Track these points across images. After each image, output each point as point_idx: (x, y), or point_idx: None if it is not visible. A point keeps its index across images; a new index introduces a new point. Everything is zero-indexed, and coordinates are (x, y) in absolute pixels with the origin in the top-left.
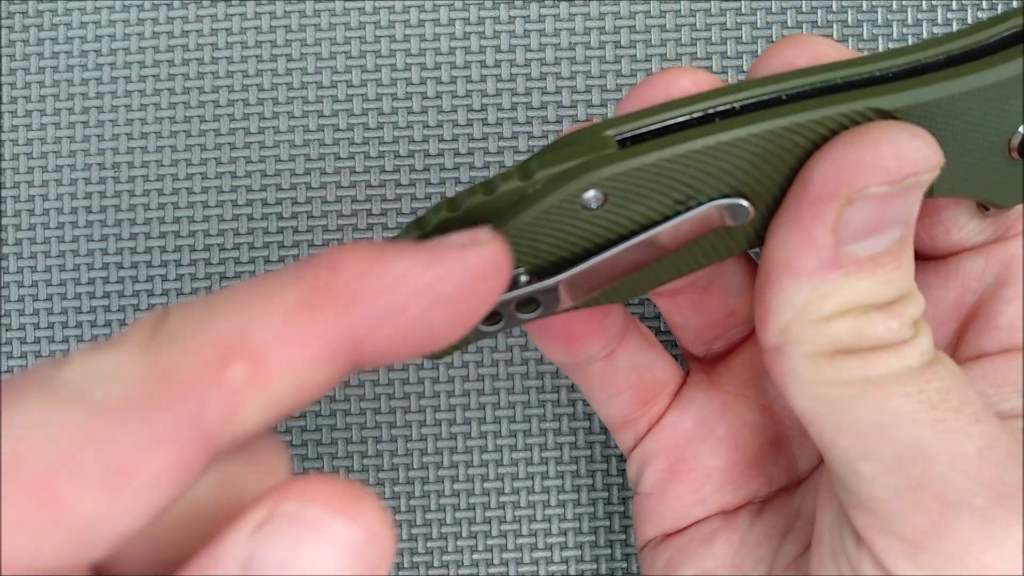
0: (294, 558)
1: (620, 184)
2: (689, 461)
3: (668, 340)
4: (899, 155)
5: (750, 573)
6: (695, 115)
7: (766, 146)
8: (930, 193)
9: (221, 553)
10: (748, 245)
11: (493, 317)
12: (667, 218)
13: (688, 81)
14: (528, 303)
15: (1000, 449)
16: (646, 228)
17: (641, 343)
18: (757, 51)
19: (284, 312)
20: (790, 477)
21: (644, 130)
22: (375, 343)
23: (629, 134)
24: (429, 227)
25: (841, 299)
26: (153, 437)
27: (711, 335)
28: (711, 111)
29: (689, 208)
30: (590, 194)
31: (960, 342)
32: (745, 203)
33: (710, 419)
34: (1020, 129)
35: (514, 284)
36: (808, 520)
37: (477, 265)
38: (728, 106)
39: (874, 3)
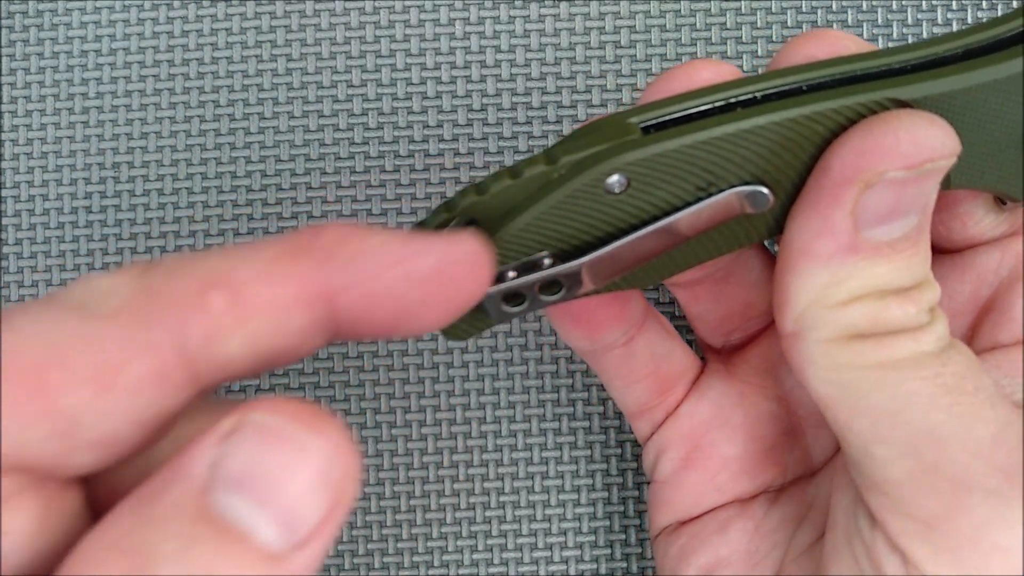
0: (259, 463)
1: (643, 169)
2: (705, 449)
3: (683, 327)
4: (916, 141)
5: (763, 560)
6: (717, 104)
7: (786, 134)
8: (947, 185)
9: (189, 458)
10: (768, 233)
11: (517, 298)
12: (689, 204)
13: (710, 72)
14: (551, 285)
15: (1014, 434)
16: (668, 214)
17: (660, 332)
18: (757, 51)
19: (267, 259)
20: (805, 467)
21: (667, 118)
22: (352, 301)
23: (653, 121)
24: (457, 209)
25: (858, 284)
26: (138, 342)
27: (729, 327)
28: (733, 100)
29: (710, 194)
30: (614, 179)
31: (975, 334)
32: (765, 190)
33: (727, 408)
34: None
35: (538, 266)
36: (821, 509)
37: (454, 251)
38: (750, 95)
39: (874, 3)
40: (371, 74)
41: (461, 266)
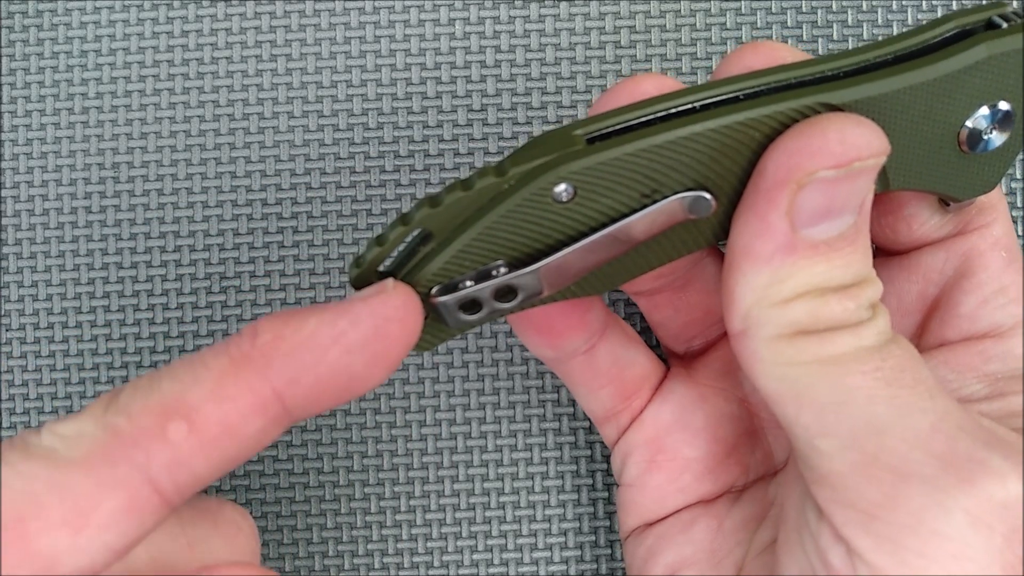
0: None
1: (588, 178)
2: (668, 452)
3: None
4: (844, 140)
5: (726, 558)
6: (658, 115)
7: (724, 140)
8: (887, 186)
9: None
10: (715, 238)
11: (474, 306)
12: (635, 211)
13: (653, 85)
14: (507, 293)
15: (952, 423)
16: (615, 221)
17: (622, 338)
18: None
19: (215, 376)
20: (767, 468)
21: (611, 129)
22: (301, 392)
23: (597, 133)
24: (412, 222)
25: (799, 282)
26: (107, 483)
27: (690, 333)
28: (673, 111)
29: (655, 201)
30: (560, 188)
31: (923, 332)
32: (707, 196)
33: (688, 411)
34: (967, 123)
35: (493, 274)
36: (782, 507)
37: (384, 310)
38: (689, 106)
39: (874, 3)
40: (371, 74)
41: (394, 322)
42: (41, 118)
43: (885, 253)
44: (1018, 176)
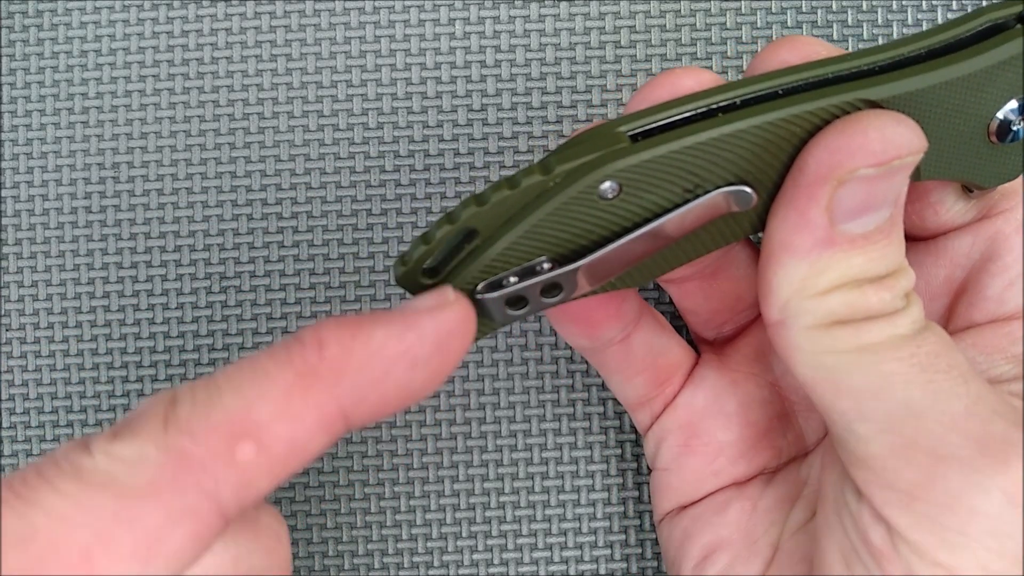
0: None
1: (634, 175)
2: (702, 436)
3: (680, 326)
4: (885, 139)
5: (761, 538)
6: (700, 111)
7: (766, 136)
8: (917, 176)
9: None
10: (752, 230)
11: (519, 302)
12: (677, 206)
13: (692, 80)
14: (551, 288)
15: (986, 406)
16: (658, 216)
17: (655, 327)
18: (757, 51)
19: (281, 392)
20: (799, 449)
21: (653, 126)
22: (365, 408)
23: (640, 130)
24: (459, 221)
25: (836, 274)
26: (176, 513)
27: (720, 319)
28: (714, 107)
29: (697, 196)
30: (606, 185)
31: (951, 315)
32: (748, 190)
33: (721, 396)
34: (998, 114)
35: (537, 271)
36: (814, 488)
37: (448, 325)
38: (729, 101)
39: (874, 3)
40: (371, 74)
41: (455, 337)
42: (41, 118)
43: (912, 239)
44: None
